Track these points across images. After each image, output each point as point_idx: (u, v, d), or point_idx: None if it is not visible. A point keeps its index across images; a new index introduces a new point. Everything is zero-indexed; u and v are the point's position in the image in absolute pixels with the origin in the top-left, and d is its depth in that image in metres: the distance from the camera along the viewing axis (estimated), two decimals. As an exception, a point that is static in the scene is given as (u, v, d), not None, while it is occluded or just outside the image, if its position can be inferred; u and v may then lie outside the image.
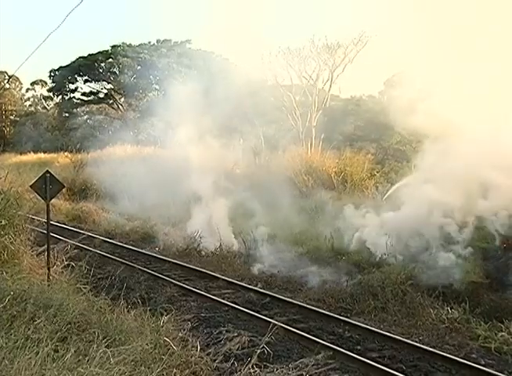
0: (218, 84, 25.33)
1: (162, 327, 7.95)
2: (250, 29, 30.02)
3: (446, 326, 10.52)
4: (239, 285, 13.91)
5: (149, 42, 51.05)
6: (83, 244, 17.30)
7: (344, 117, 34.25)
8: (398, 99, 17.92)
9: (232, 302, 12.32)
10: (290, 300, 12.52)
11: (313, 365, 7.76)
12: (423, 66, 17.97)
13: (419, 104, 15.72)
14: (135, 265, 15.98)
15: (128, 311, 8.62)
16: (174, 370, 6.48)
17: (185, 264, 16.43)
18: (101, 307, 8.45)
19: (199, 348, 7.91)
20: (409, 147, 25.58)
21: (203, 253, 17.84)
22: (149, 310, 8.86)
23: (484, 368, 8.60)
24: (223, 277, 14.60)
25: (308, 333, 10.17)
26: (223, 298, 12.69)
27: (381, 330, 10.47)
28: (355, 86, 43.33)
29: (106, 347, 6.28)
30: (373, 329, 10.46)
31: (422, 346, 9.53)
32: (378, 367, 8.57)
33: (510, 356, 9.18)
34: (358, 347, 9.76)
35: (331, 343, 9.65)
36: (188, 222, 19.61)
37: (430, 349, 9.36)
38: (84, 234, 20.15)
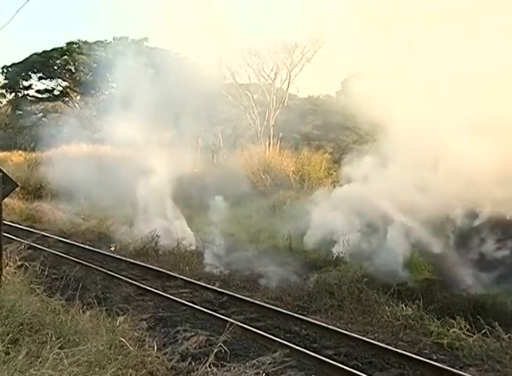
0: (176, 83, 25.15)
1: (118, 327, 7.86)
2: (208, 28, 29.87)
3: (401, 323, 10.70)
4: (197, 284, 13.88)
5: (106, 40, 50.19)
6: (37, 244, 16.96)
7: (302, 116, 34.37)
8: (356, 98, 18.14)
9: (189, 301, 12.28)
10: (248, 299, 12.57)
11: (270, 363, 7.77)
12: (380, 67, 18.21)
13: (375, 103, 16.00)
14: (91, 265, 15.75)
15: (83, 311, 8.49)
16: (130, 371, 6.41)
17: (142, 263, 16.30)
18: (55, 308, 8.31)
19: (155, 348, 7.86)
20: (365, 147, 25.84)
21: (160, 252, 17.74)
22: (105, 310, 8.75)
23: (436, 363, 8.80)
24: (180, 276, 14.54)
25: (265, 331, 10.22)
26: (180, 298, 12.64)
27: (337, 327, 10.59)
28: (313, 86, 43.66)
29: (59, 348, 6.17)
30: (330, 327, 10.58)
31: (377, 343, 9.68)
32: (334, 364, 8.66)
33: (461, 351, 9.39)
34: (315, 345, 9.85)
35: (288, 341, 9.71)
36: (145, 221, 19.46)
37: (385, 346, 9.51)
38: (38, 234, 19.75)
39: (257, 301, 12.32)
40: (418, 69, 15.64)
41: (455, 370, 8.49)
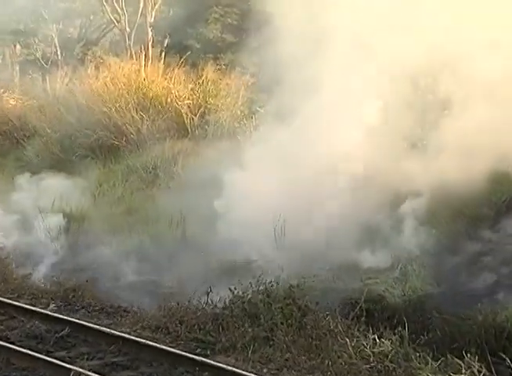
0: None
1: None
2: None
3: (371, 366, 10.91)
4: (15, 307, 13.74)
5: None
6: None
7: (205, 8, 34.12)
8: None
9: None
10: (108, 330, 12.52)
11: None
12: None
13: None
14: None
15: None
16: None
17: None
18: None
19: None
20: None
21: None
22: None
23: None
24: (-19, 293, 14.39)
25: (137, 387, 10.24)
26: (-19, 332, 12.50)
27: (264, 377, 10.73)
28: None
29: None
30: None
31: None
32: None
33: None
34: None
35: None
36: None
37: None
38: None
39: (124, 334, 12.30)
40: None
41: None
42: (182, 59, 28.72)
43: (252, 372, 10.91)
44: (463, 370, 10.45)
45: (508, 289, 13.08)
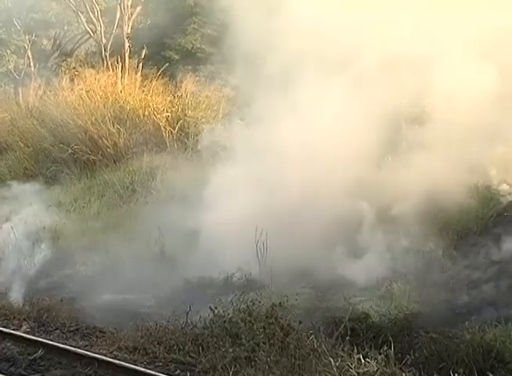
0: None
1: None
2: None
3: (357, 387, 10.90)
4: (-14, 328, 13.64)
5: None
6: None
7: (182, 19, 33.97)
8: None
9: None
10: (84, 351, 12.43)
11: None
12: None
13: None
14: None
15: None
16: None
17: None
18: None
19: None
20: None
21: None
22: None
23: None
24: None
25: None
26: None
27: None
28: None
29: None
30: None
31: None
32: None
33: None
34: None
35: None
36: None
37: None
38: None
39: (100, 356, 12.20)
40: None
41: None
42: (160, 71, 28.68)
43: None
44: (451, 391, 10.46)
45: (496, 307, 13.08)
